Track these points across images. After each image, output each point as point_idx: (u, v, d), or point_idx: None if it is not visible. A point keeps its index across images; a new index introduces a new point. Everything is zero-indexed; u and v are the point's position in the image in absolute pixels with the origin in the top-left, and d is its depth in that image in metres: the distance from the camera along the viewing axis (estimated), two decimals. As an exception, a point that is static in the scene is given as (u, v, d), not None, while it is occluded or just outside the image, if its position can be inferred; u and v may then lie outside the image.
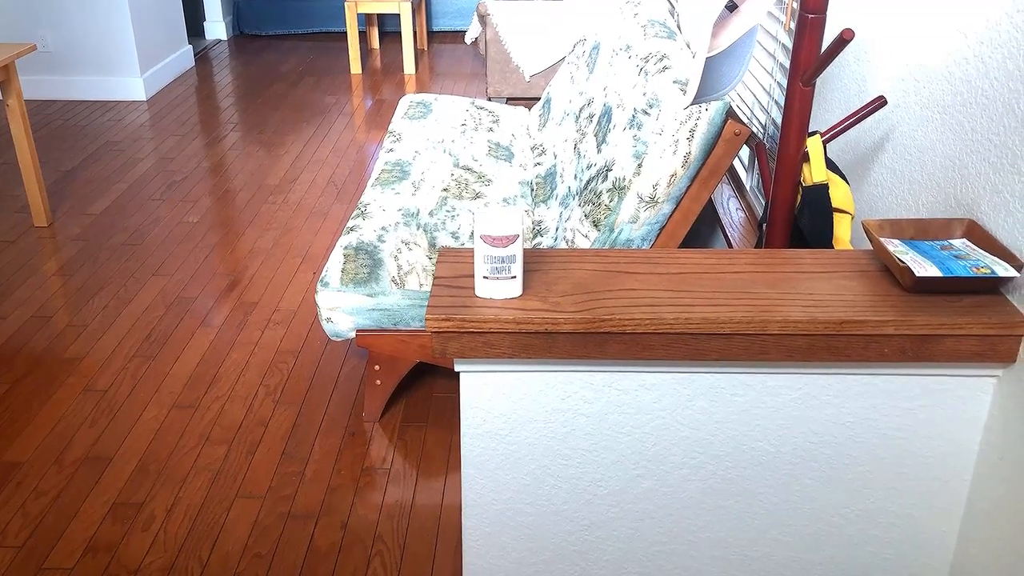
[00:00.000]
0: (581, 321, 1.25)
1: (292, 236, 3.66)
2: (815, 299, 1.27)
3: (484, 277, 1.29)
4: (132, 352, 2.85)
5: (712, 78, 1.51)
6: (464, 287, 1.32)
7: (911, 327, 1.22)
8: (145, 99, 5.32)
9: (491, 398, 1.35)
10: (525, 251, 1.39)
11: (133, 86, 5.30)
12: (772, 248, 1.59)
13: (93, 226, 3.72)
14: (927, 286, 1.27)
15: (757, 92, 2.77)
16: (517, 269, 1.29)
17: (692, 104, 1.49)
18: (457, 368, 1.32)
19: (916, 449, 1.38)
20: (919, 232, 1.37)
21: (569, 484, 1.42)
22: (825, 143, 1.58)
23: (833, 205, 1.57)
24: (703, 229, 3.11)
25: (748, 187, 2.93)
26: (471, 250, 1.41)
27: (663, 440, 1.38)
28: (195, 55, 6.30)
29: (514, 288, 1.30)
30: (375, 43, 6.65)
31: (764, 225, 1.72)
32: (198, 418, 2.54)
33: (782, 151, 1.57)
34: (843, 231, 1.58)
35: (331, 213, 3.87)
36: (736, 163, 3.14)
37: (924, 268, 1.25)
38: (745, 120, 2.88)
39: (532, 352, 1.28)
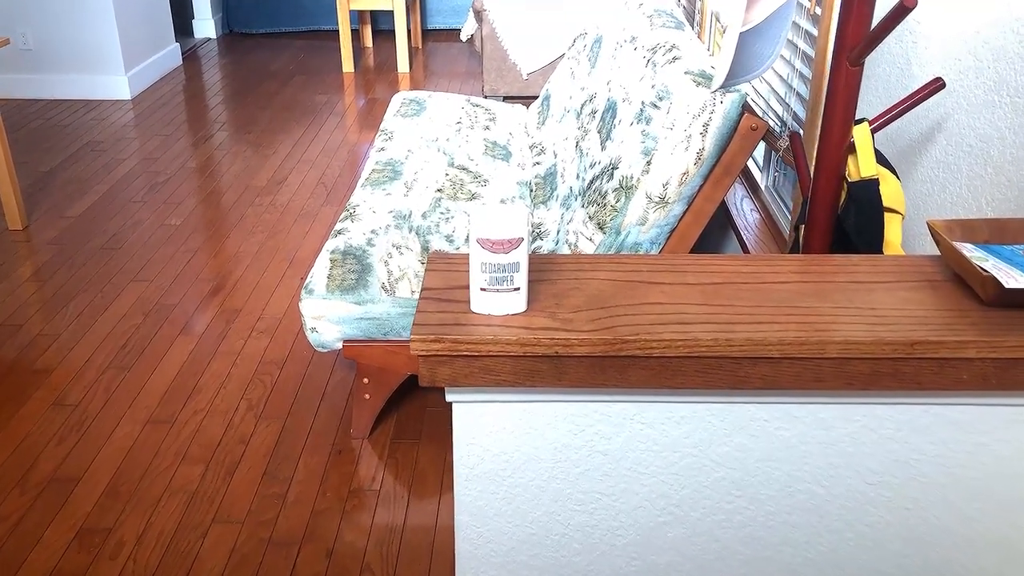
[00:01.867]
0: (598, 342, 1.07)
1: (279, 239, 3.55)
2: (878, 315, 1.08)
3: (481, 289, 1.10)
4: (106, 363, 2.73)
5: (744, 57, 1.32)
6: (457, 300, 1.14)
7: (997, 349, 1.03)
8: (130, 98, 5.26)
9: (490, 433, 1.17)
10: (530, 258, 1.21)
11: (117, 85, 5.20)
12: (811, 253, 1.40)
13: (70, 229, 3.61)
14: (1014, 299, 1.07)
15: (774, 83, 2.63)
16: (521, 279, 1.10)
17: (723, 84, 1.30)
18: (449, 398, 1.14)
19: (992, 491, 1.19)
20: (995, 234, 1.18)
21: (582, 533, 1.24)
22: (873, 132, 1.39)
23: (883, 203, 1.38)
24: (715, 231, 3.00)
25: (763, 186, 2.82)
26: (466, 256, 1.22)
27: (694, 482, 1.20)
28: (183, 54, 6.21)
29: (517, 302, 1.12)
30: (368, 41, 6.59)
31: (801, 227, 1.53)
32: (174, 435, 2.42)
33: (824, 141, 1.38)
34: (893, 234, 1.39)
35: (320, 215, 3.76)
36: (749, 161, 3.01)
37: (1013, 278, 1.06)
38: (760, 114, 2.76)
39: (539, 379, 1.10)
